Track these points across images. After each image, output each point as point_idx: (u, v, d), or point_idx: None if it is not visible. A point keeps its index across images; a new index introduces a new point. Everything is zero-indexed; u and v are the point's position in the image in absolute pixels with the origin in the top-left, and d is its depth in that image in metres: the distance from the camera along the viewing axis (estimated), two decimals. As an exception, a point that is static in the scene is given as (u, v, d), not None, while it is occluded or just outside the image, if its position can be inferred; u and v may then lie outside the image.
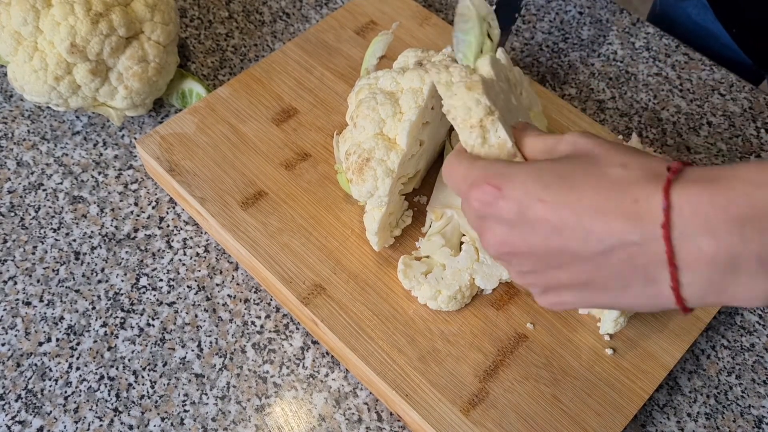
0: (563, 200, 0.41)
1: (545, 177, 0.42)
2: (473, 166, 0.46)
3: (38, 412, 0.63)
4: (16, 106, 0.82)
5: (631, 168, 0.41)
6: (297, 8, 0.93)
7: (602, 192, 0.40)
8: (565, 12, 0.95)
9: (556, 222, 0.41)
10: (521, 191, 0.43)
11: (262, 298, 0.70)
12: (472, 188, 0.45)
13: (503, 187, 0.43)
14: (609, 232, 0.39)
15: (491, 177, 0.44)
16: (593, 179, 0.41)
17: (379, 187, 0.62)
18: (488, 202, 0.44)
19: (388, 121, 0.63)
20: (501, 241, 0.44)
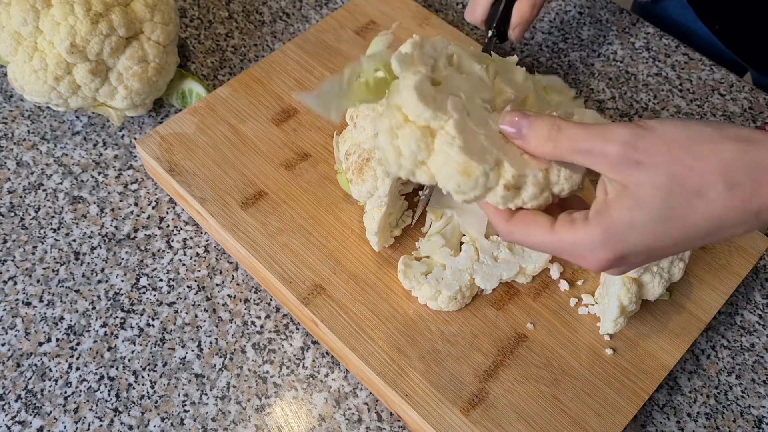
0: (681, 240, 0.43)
1: (653, 229, 0.42)
2: (568, 240, 0.45)
3: (38, 412, 0.63)
4: (16, 106, 0.82)
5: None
6: (297, 8, 0.93)
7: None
8: (565, 12, 0.95)
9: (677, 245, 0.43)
10: (640, 257, 0.44)
11: (262, 298, 0.70)
12: (598, 264, 0.45)
13: (626, 257, 0.44)
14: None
15: (611, 252, 0.44)
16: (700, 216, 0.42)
17: (379, 187, 0.62)
18: (620, 271, 0.46)
19: None
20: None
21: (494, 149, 0.44)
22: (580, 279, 0.68)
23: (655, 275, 0.62)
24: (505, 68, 0.52)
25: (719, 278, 0.69)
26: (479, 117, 0.46)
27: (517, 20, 0.73)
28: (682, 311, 0.67)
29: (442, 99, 0.45)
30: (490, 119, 0.46)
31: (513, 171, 0.44)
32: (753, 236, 0.71)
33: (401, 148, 0.44)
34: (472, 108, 0.46)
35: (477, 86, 0.48)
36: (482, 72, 0.49)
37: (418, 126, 0.44)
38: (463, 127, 0.44)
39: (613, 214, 0.42)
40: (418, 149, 0.44)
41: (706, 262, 0.70)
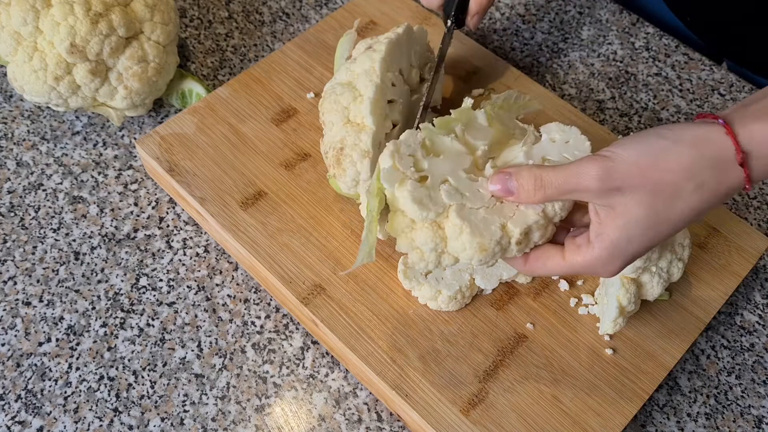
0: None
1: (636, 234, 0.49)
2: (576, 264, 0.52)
3: (38, 412, 0.63)
4: (16, 106, 0.82)
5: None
6: (297, 8, 0.93)
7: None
8: (565, 12, 0.95)
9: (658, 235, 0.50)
10: (642, 255, 0.51)
11: (262, 298, 0.70)
12: (612, 273, 0.51)
13: (632, 261, 0.51)
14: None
15: (619, 263, 0.51)
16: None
17: (360, 170, 0.62)
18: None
19: (351, 107, 0.63)
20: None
21: (496, 216, 0.51)
22: (579, 279, 0.68)
23: (654, 275, 0.62)
24: (468, 118, 0.57)
25: (719, 278, 0.69)
26: (471, 191, 0.52)
27: (475, 8, 0.73)
28: (682, 311, 0.67)
29: (435, 192, 0.52)
30: (479, 187, 0.53)
31: (518, 229, 0.51)
32: (753, 236, 0.71)
33: (422, 250, 0.51)
34: (461, 185, 0.52)
35: (456, 160, 0.54)
36: (453, 142, 0.55)
37: (428, 227, 0.51)
38: (463, 213, 0.51)
39: (611, 235, 0.49)
40: (435, 245, 0.51)
41: (706, 262, 0.70)
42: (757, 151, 0.46)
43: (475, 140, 0.56)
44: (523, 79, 0.82)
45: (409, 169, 0.53)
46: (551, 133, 0.57)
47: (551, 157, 0.56)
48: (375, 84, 0.63)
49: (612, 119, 0.85)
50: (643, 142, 0.48)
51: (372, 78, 0.63)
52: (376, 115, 0.63)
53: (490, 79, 0.82)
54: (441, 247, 0.51)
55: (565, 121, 0.78)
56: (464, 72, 0.82)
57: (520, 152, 0.56)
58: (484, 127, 0.57)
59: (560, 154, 0.56)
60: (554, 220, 0.52)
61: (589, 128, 0.78)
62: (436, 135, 0.55)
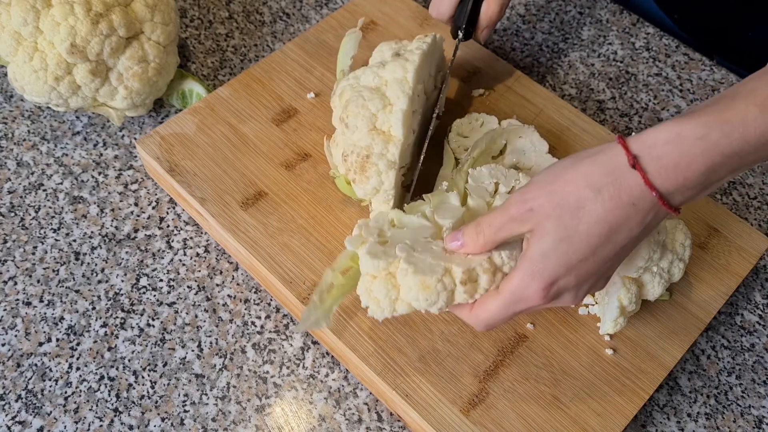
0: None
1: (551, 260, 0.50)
2: (511, 304, 0.52)
3: (38, 412, 0.63)
4: (16, 106, 0.82)
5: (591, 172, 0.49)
6: (297, 8, 0.93)
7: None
8: (565, 12, 0.95)
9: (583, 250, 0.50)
10: (570, 278, 0.51)
11: (262, 298, 0.70)
12: (538, 296, 0.51)
13: (557, 282, 0.51)
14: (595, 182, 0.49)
15: (541, 281, 0.51)
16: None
17: (384, 181, 0.63)
18: (568, 299, 0.53)
19: (379, 115, 0.63)
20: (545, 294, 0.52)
21: (441, 262, 0.54)
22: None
23: (655, 275, 0.62)
24: (440, 200, 0.61)
25: (719, 278, 0.69)
26: (424, 247, 0.56)
27: (485, 23, 0.73)
28: (682, 311, 0.67)
29: (391, 249, 0.56)
30: (433, 245, 0.56)
31: (461, 269, 0.53)
32: (753, 236, 0.71)
33: (378, 298, 0.55)
34: (416, 244, 0.56)
35: (418, 230, 0.58)
36: (420, 219, 0.59)
37: (382, 277, 0.54)
38: (411, 259, 0.54)
39: (529, 252, 0.50)
40: (388, 292, 0.54)
41: (706, 262, 0.70)
42: (648, 153, 0.47)
43: (442, 219, 0.59)
44: (523, 79, 0.82)
45: (372, 236, 0.57)
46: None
47: None
48: (407, 95, 0.63)
49: (612, 119, 0.85)
50: (552, 165, 0.52)
51: (405, 89, 0.63)
52: (406, 127, 0.63)
53: (490, 80, 0.82)
54: (394, 294, 0.54)
55: (565, 122, 0.78)
56: (465, 72, 0.82)
57: None
58: (455, 206, 0.60)
59: None
60: (503, 268, 0.54)
61: (590, 128, 0.78)
62: (404, 215, 0.59)
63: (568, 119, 0.79)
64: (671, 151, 0.47)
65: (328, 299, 0.59)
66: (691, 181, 0.47)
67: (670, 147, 0.47)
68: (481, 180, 0.63)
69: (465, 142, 0.73)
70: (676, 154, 0.47)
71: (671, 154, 0.47)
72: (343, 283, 0.59)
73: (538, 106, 0.79)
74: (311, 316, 0.58)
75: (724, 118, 0.46)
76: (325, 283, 0.59)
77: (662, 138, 0.47)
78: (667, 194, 0.48)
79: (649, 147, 0.47)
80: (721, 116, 0.47)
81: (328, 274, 0.59)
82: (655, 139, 0.47)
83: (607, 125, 0.84)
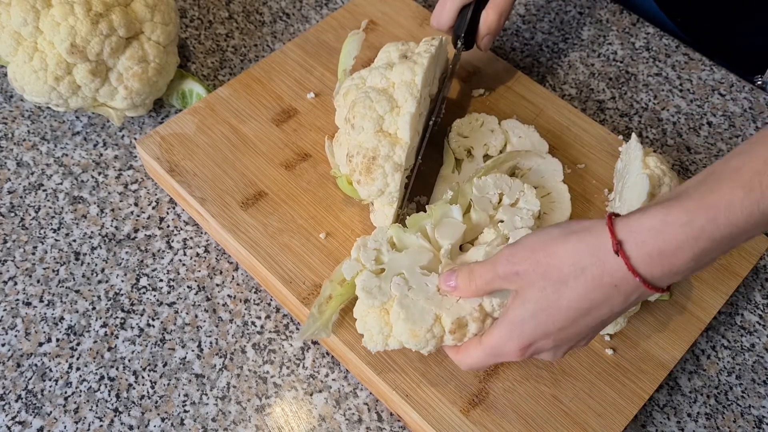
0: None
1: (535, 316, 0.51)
2: (487, 351, 0.54)
3: (38, 412, 0.63)
4: (16, 106, 0.82)
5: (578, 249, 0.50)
6: (297, 8, 0.93)
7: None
8: (565, 12, 0.95)
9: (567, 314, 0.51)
10: (548, 342, 0.52)
11: (262, 298, 0.70)
12: (514, 353, 0.53)
13: (534, 344, 0.52)
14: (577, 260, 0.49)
15: (518, 342, 0.52)
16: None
17: (390, 183, 0.63)
18: (548, 356, 0.54)
19: (387, 117, 0.63)
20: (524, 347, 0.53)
21: (433, 307, 0.56)
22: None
23: None
24: (443, 213, 0.62)
25: (719, 278, 0.69)
26: (419, 283, 0.58)
27: (485, 30, 0.74)
28: (682, 311, 0.67)
29: (386, 283, 0.58)
30: (428, 281, 0.58)
31: (450, 319, 0.55)
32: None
33: (371, 331, 0.57)
34: (412, 279, 0.58)
35: (416, 255, 0.60)
36: (419, 240, 0.61)
37: (376, 313, 0.57)
38: (404, 302, 0.57)
39: (510, 314, 0.52)
40: (381, 328, 0.57)
41: (706, 262, 0.70)
42: (632, 239, 0.47)
43: (442, 238, 0.61)
44: (523, 79, 0.82)
45: (369, 261, 0.60)
46: (517, 237, 0.59)
47: None
48: (415, 98, 0.63)
49: (612, 119, 0.85)
50: (543, 231, 0.52)
51: (413, 92, 0.63)
52: (412, 129, 0.63)
53: (490, 80, 0.82)
54: (387, 331, 0.57)
55: (565, 122, 0.78)
56: (465, 72, 0.82)
57: (481, 252, 0.59)
58: (456, 222, 0.62)
59: None
60: (493, 314, 0.56)
61: (590, 128, 0.78)
62: (403, 233, 0.61)
63: (568, 119, 0.79)
64: (655, 238, 0.46)
65: (326, 310, 0.61)
66: (679, 266, 0.46)
67: (654, 233, 0.46)
68: (486, 190, 0.64)
69: (465, 142, 0.73)
70: (660, 241, 0.46)
71: (655, 241, 0.46)
72: (341, 293, 0.61)
73: (538, 106, 0.79)
74: (311, 328, 0.60)
75: (709, 203, 0.45)
76: (323, 296, 0.61)
77: (647, 224, 0.46)
78: (652, 279, 0.47)
79: (635, 232, 0.47)
80: (705, 201, 0.45)
81: (327, 286, 0.62)
82: (640, 225, 0.47)
83: (607, 125, 0.84)
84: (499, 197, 0.65)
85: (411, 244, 0.61)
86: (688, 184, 0.47)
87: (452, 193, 0.64)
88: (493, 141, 0.73)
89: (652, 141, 0.83)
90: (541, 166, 0.71)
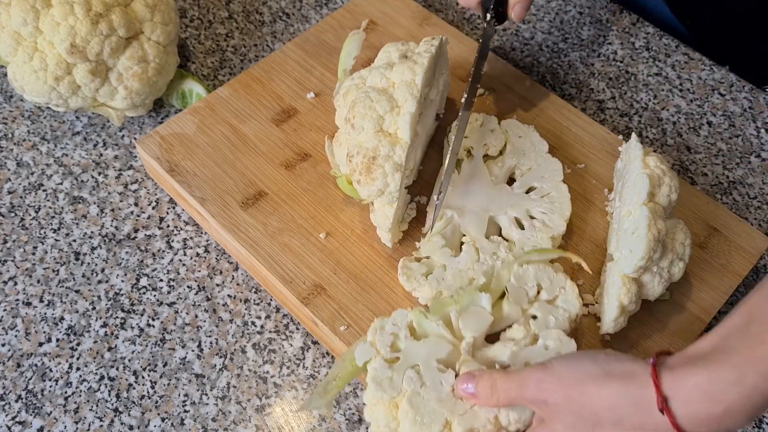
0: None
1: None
2: None
3: (38, 412, 0.63)
4: (16, 106, 0.82)
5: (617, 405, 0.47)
6: (297, 8, 0.93)
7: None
8: (565, 12, 0.95)
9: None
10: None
11: (263, 298, 0.70)
12: None
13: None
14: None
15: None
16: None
17: (390, 183, 0.63)
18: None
19: (387, 117, 0.63)
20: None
21: (444, 411, 0.53)
22: (580, 279, 0.68)
23: (655, 275, 0.62)
24: (471, 300, 0.59)
25: (719, 278, 0.69)
26: (433, 380, 0.55)
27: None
28: (682, 311, 0.67)
29: (399, 375, 0.55)
30: (443, 379, 0.55)
31: (461, 428, 0.53)
32: (753, 236, 0.71)
33: (379, 422, 0.55)
34: (427, 374, 0.55)
35: (435, 346, 0.57)
36: (440, 330, 0.57)
37: (385, 405, 0.55)
38: (415, 401, 0.54)
39: None
40: (388, 422, 0.55)
41: (706, 262, 0.70)
42: (680, 396, 0.44)
43: (465, 329, 0.57)
44: (523, 78, 0.82)
45: (385, 348, 0.56)
46: (548, 339, 0.57)
47: (532, 361, 0.56)
48: (415, 98, 0.63)
49: (612, 119, 0.85)
50: (578, 361, 0.50)
51: (413, 92, 0.63)
52: (412, 129, 0.63)
53: (490, 79, 0.82)
54: (394, 426, 0.55)
55: (565, 122, 0.78)
56: (465, 72, 0.82)
57: (506, 352, 0.57)
58: (484, 313, 0.58)
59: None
60: (509, 428, 0.53)
61: (590, 128, 0.78)
62: (424, 319, 0.58)
63: (568, 119, 0.79)
64: (702, 397, 0.43)
65: (332, 390, 0.57)
66: (728, 425, 0.44)
67: (701, 392, 0.43)
68: (524, 281, 0.61)
69: (465, 141, 0.73)
70: (708, 401, 0.43)
71: (702, 401, 0.43)
72: (350, 371, 0.58)
73: (538, 106, 0.79)
74: (313, 403, 0.57)
75: (759, 356, 0.42)
76: (332, 374, 0.58)
77: (692, 381, 0.44)
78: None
79: (681, 389, 0.44)
80: (755, 354, 0.42)
81: (337, 365, 0.58)
82: (686, 381, 0.44)
83: (607, 125, 0.84)
84: (537, 290, 0.61)
85: (431, 333, 0.58)
86: (729, 329, 0.45)
87: (484, 279, 0.61)
88: (493, 141, 0.73)
89: (652, 141, 0.83)
90: (541, 165, 0.71)
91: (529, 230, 0.67)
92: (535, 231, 0.67)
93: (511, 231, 0.68)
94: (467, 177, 0.71)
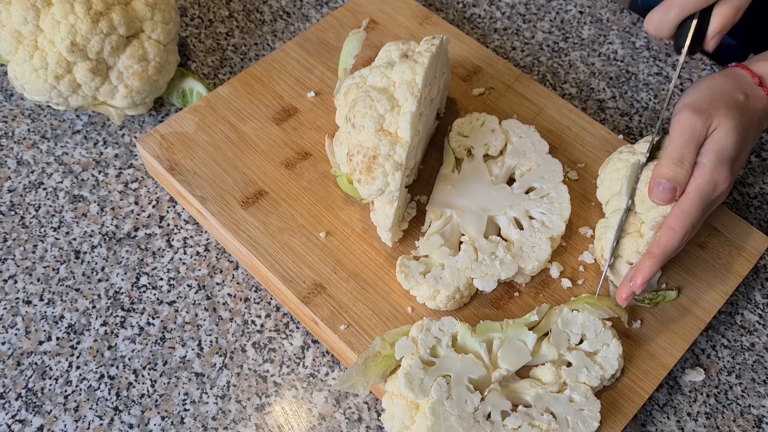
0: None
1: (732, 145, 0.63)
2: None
3: (38, 410, 0.64)
4: (17, 105, 0.82)
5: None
6: (297, 7, 0.93)
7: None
8: (566, 11, 0.95)
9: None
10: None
11: (263, 297, 0.70)
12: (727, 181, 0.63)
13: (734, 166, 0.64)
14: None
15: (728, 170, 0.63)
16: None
17: (390, 182, 0.63)
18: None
19: (387, 116, 0.63)
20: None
21: (461, 429, 0.55)
22: (580, 279, 0.68)
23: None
24: (517, 333, 0.60)
25: (719, 278, 0.69)
26: (459, 396, 0.56)
27: (717, 27, 0.66)
28: (682, 311, 0.67)
29: (430, 381, 0.57)
30: (469, 399, 0.56)
31: None
32: (753, 236, 0.71)
33: (395, 413, 0.57)
34: (456, 388, 0.57)
35: (469, 366, 0.58)
36: (481, 349, 0.59)
37: (407, 400, 0.56)
38: (437, 410, 0.55)
39: (714, 147, 0.62)
40: (404, 418, 0.56)
41: (706, 262, 0.70)
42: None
43: (503, 360, 0.59)
44: (523, 78, 0.82)
45: (425, 348, 0.58)
46: (575, 392, 0.59)
47: (554, 409, 0.58)
48: (416, 98, 0.63)
49: (612, 119, 0.85)
50: (697, 85, 0.66)
51: (414, 91, 0.63)
52: (413, 129, 0.63)
53: (490, 79, 0.82)
54: (408, 422, 0.56)
55: (566, 121, 0.78)
56: (465, 71, 0.82)
57: (531, 393, 0.59)
58: (524, 350, 0.60)
59: (567, 412, 0.58)
60: None
61: (590, 128, 0.78)
62: (469, 336, 0.60)
63: (569, 118, 0.79)
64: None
65: (372, 371, 0.58)
66: None
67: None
68: (570, 327, 0.62)
69: (465, 141, 0.73)
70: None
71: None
72: (390, 355, 0.59)
73: (539, 106, 0.79)
74: (350, 379, 0.58)
75: None
76: (372, 350, 0.59)
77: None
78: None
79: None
80: None
81: (377, 342, 0.60)
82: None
83: (607, 124, 0.84)
84: (581, 339, 0.62)
85: (471, 350, 0.59)
86: None
87: (537, 317, 0.62)
88: (494, 141, 0.73)
89: (653, 140, 0.83)
90: (542, 166, 0.71)
91: (528, 230, 0.68)
92: (534, 231, 0.67)
93: (510, 231, 0.68)
94: (467, 177, 0.71)
